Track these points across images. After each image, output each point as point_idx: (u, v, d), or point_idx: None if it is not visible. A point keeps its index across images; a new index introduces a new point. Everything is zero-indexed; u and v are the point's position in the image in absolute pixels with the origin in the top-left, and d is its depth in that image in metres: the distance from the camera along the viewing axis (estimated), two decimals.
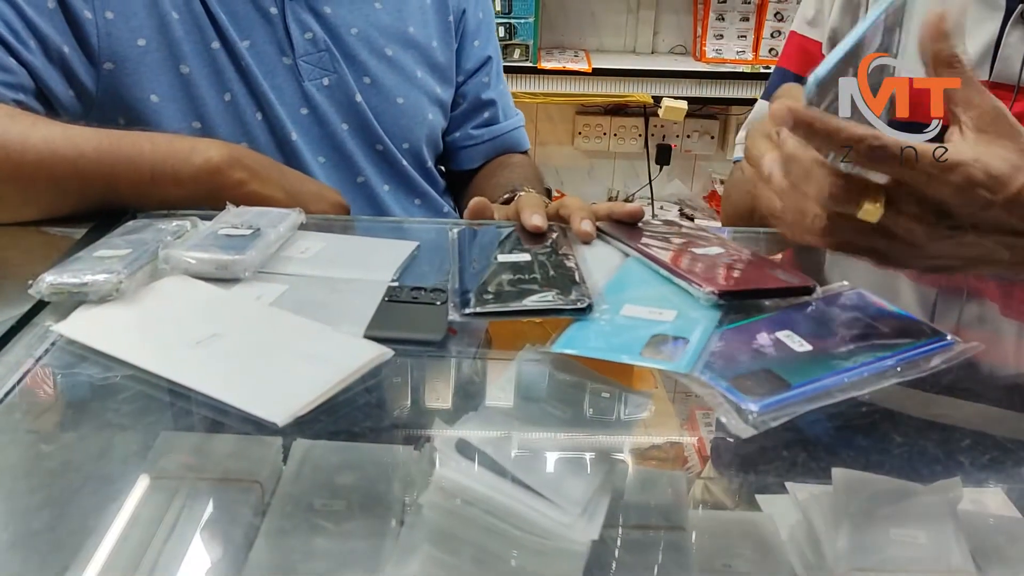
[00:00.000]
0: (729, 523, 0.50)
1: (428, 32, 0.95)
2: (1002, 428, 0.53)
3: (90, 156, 0.70)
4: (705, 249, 0.64)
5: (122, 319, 0.53)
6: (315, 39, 0.86)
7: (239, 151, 0.74)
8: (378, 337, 0.52)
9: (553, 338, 0.53)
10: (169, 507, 0.43)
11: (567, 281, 0.57)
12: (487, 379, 0.54)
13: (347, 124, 0.89)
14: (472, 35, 1.00)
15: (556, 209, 0.71)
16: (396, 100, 0.91)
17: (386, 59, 0.91)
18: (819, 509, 0.46)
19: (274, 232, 0.64)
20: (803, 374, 0.49)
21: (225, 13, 0.82)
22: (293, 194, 0.75)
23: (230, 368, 0.49)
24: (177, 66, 0.81)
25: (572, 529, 0.41)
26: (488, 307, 0.54)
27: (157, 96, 0.80)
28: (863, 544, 0.44)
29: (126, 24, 0.79)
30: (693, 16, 2.71)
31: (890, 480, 0.46)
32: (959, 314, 0.68)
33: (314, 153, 0.87)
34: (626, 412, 0.54)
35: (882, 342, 0.53)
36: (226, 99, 0.83)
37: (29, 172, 0.68)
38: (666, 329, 0.53)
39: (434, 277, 0.62)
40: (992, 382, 0.59)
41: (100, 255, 0.58)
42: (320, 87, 0.87)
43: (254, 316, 0.55)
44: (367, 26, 0.89)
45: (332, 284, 0.60)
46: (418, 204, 0.94)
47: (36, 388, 0.51)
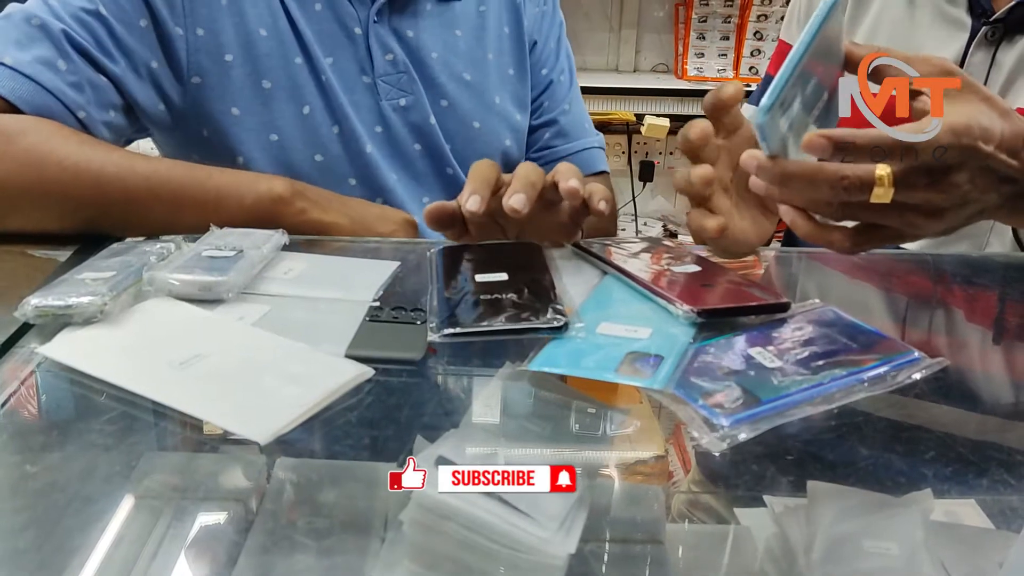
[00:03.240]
0: (707, 536, 0.50)
1: (506, 60, 0.97)
2: (976, 438, 0.54)
3: (163, 175, 0.73)
4: (683, 267, 0.65)
5: (106, 340, 0.54)
6: (395, 60, 0.88)
7: (301, 184, 0.77)
8: (359, 356, 0.53)
9: (531, 357, 0.54)
10: (153, 526, 0.44)
11: (543, 300, 0.58)
12: (467, 397, 0.55)
13: (419, 145, 0.91)
14: (540, 64, 1.02)
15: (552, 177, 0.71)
16: (472, 124, 0.93)
17: (464, 83, 0.93)
18: (794, 521, 0.47)
19: (257, 253, 0.65)
20: (773, 390, 0.50)
21: (311, 31, 0.85)
22: (357, 219, 0.78)
23: (213, 388, 0.50)
24: (260, 81, 0.83)
25: (549, 543, 0.42)
26: (464, 327, 0.55)
27: (238, 109, 0.83)
28: (835, 556, 0.45)
29: (215, 40, 0.82)
30: (674, 35, 2.75)
31: (863, 492, 0.47)
32: (929, 323, 0.70)
33: (388, 169, 0.89)
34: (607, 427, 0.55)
35: (851, 358, 0.54)
36: (304, 112, 0.85)
37: (107, 186, 0.71)
38: (642, 347, 0.54)
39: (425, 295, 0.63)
40: (965, 392, 0.60)
41: (84, 277, 0.59)
42: (396, 107, 0.89)
43: (236, 336, 0.55)
44: (447, 51, 0.92)
45: (314, 304, 0.61)
46: None
47: (21, 410, 0.52)
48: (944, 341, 0.68)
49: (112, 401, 0.50)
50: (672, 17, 2.74)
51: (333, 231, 0.76)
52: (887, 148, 0.48)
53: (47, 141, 0.71)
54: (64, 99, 0.74)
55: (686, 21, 2.69)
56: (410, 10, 0.90)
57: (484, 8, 0.96)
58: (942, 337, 0.69)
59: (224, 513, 0.46)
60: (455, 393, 0.56)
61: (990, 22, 0.83)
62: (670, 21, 2.76)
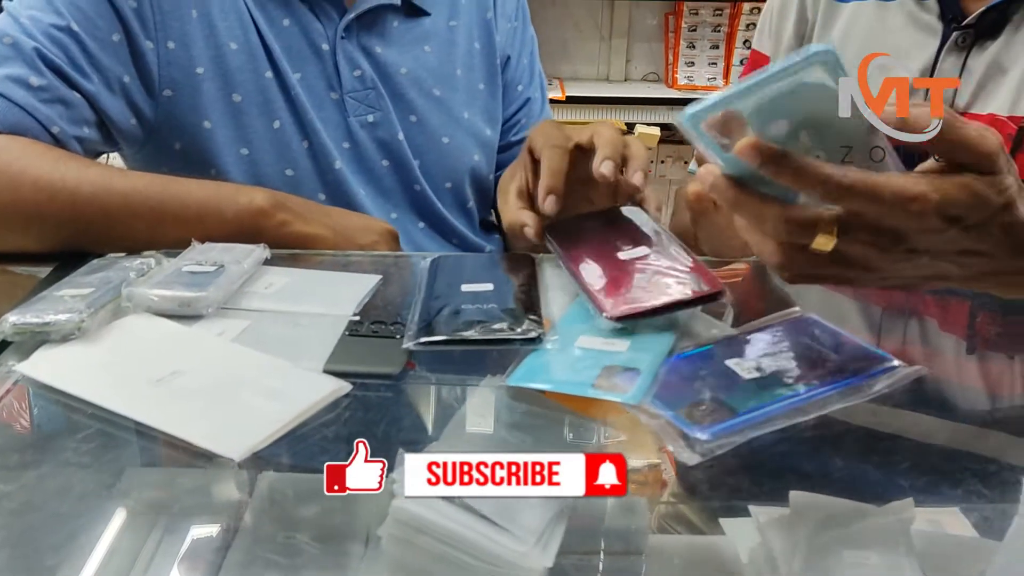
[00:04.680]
0: (690, 547, 0.51)
1: (476, 75, 0.98)
2: (959, 447, 0.55)
3: (141, 191, 0.73)
4: (631, 252, 0.64)
5: (83, 358, 0.54)
6: (363, 77, 0.89)
7: (283, 196, 0.77)
8: (337, 371, 0.53)
9: (510, 371, 0.54)
10: (136, 543, 0.44)
11: (522, 311, 0.58)
12: (446, 410, 0.55)
13: (387, 161, 0.91)
14: (516, 81, 1.03)
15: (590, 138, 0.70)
16: (441, 139, 0.94)
17: (433, 99, 0.93)
18: (776, 531, 0.47)
19: (238, 268, 0.65)
20: (750, 401, 0.50)
21: (279, 46, 0.85)
22: (339, 231, 0.78)
23: (189, 405, 0.50)
24: (230, 94, 0.84)
25: (527, 557, 0.42)
26: (439, 336, 0.55)
27: (210, 122, 0.83)
28: (817, 565, 0.44)
29: (186, 54, 0.82)
30: (664, 44, 2.76)
31: (845, 502, 0.47)
32: (903, 332, 0.70)
33: (357, 184, 0.89)
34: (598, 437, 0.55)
35: (828, 368, 0.54)
36: (275, 127, 0.85)
37: (83, 205, 0.71)
38: (619, 360, 0.54)
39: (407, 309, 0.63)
40: (946, 400, 0.60)
41: (63, 294, 0.59)
42: (364, 123, 0.89)
43: (215, 353, 0.55)
44: (416, 67, 0.92)
45: (294, 319, 0.61)
46: (455, 243, 0.96)
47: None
48: (923, 349, 0.68)
49: (93, 419, 0.50)
50: (662, 26, 2.75)
51: (315, 243, 0.76)
52: (811, 178, 0.46)
53: (20, 159, 0.71)
54: (37, 115, 0.75)
55: (676, 30, 2.70)
56: (378, 27, 0.90)
57: (454, 23, 0.96)
58: (921, 345, 0.69)
59: (206, 528, 0.46)
60: (435, 407, 0.56)
61: (961, 27, 0.83)
62: (660, 30, 2.77)
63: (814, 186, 0.46)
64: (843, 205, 0.47)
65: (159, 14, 0.81)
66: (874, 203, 0.46)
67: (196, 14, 0.82)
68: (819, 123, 0.47)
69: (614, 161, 0.67)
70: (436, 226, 0.95)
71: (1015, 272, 0.51)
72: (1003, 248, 0.49)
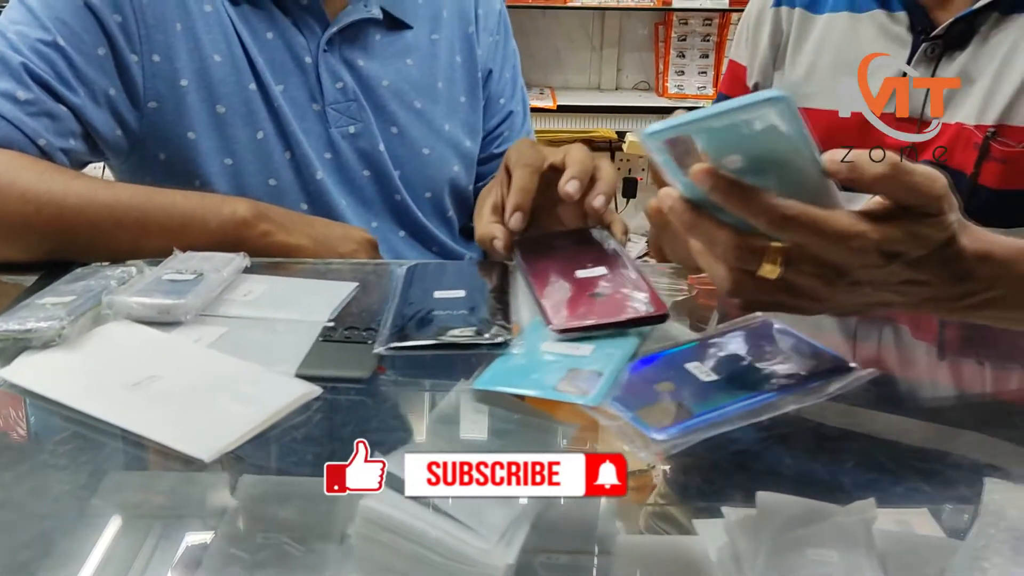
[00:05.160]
0: (659, 547, 0.52)
1: (457, 88, 1.00)
2: (929, 447, 0.56)
3: (126, 202, 0.75)
4: (590, 271, 0.66)
5: (63, 363, 0.56)
6: (345, 89, 0.90)
7: (265, 206, 0.79)
8: (309, 376, 0.55)
9: (476, 374, 0.56)
10: (116, 545, 0.45)
11: (491, 317, 0.60)
12: (414, 413, 0.57)
13: (368, 171, 0.93)
14: (498, 94, 1.05)
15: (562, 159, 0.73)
16: (422, 151, 0.96)
17: (415, 111, 0.95)
18: (742, 531, 0.48)
19: (217, 276, 0.66)
20: (707, 403, 0.52)
21: (263, 59, 0.87)
22: (320, 240, 0.80)
23: (163, 408, 0.51)
24: (214, 106, 0.86)
25: (490, 554, 0.44)
26: (407, 341, 0.57)
27: (194, 133, 0.85)
28: (780, 563, 0.46)
29: (170, 66, 0.84)
30: (655, 53, 2.79)
31: (810, 502, 0.49)
32: (878, 338, 0.72)
33: (338, 194, 0.91)
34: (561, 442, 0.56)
35: (785, 370, 0.56)
36: (258, 137, 0.87)
37: (70, 216, 0.73)
38: (582, 363, 0.56)
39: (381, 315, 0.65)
40: (918, 402, 0.63)
41: (45, 302, 0.61)
42: (346, 134, 0.91)
43: (191, 358, 0.57)
44: (398, 79, 0.94)
45: (270, 325, 0.63)
46: (435, 252, 0.97)
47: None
48: (883, 351, 0.70)
49: (77, 423, 0.52)
50: (652, 36, 2.78)
51: (296, 252, 0.78)
52: (757, 207, 0.48)
53: (7, 172, 0.73)
54: (24, 129, 0.76)
55: (666, 40, 2.73)
56: (360, 40, 0.92)
57: (436, 37, 0.98)
58: (881, 347, 0.70)
59: (186, 530, 0.48)
60: (404, 410, 0.57)
61: (930, 39, 0.85)
62: (650, 40, 2.80)
63: (758, 215, 0.48)
64: (787, 237, 0.49)
65: (144, 28, 0.83)
66: (816, 237, 0.48)
67: (180, 27, 0.84)
68: (772, 163, 0.48)
69: (580, 181, 0.69)
70: (416, 235, 0.97)
71: (956, 298, 0.54)
72: (943, 278, 0.52)
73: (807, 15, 0.95)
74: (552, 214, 0.75)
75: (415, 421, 0.55)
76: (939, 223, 0.49)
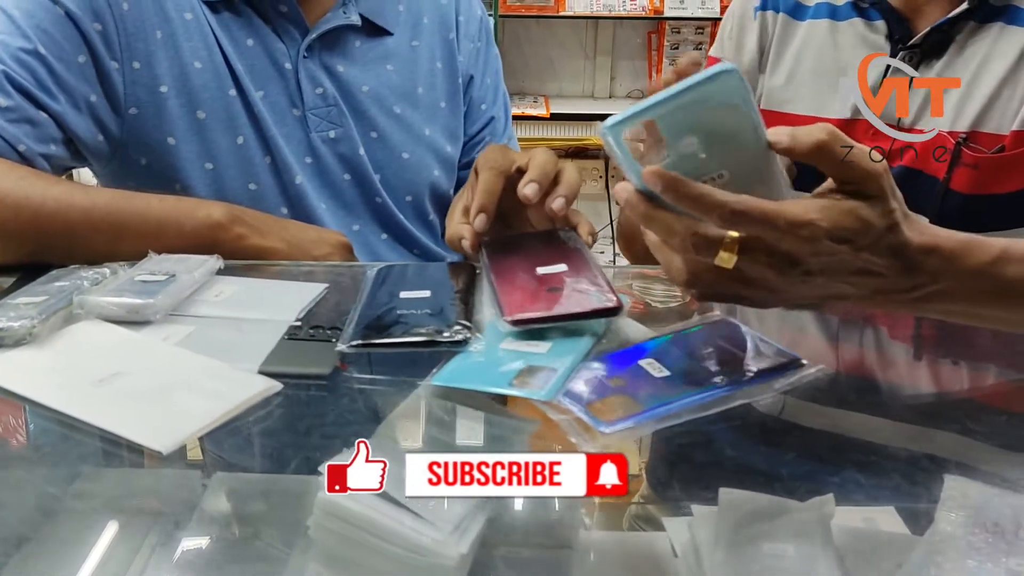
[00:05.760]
0: (623, 542, 0.53)
1: (437, 94, 1.01)
2: (903, 446, 0.57)
3: (102, 207, 0.76)
4: (550, 269, 0.67)
5: (33, 361, 0.57)
6: (325, 94, 0.92)
7: (240, 210, 0.80)
8: (271, 372, 0.56)
9: (435, 371, 0.57)
10: (95, 540, 0.46)
11: (453, 316, 0.61)
12: (373, 409, 0.58)
13: (348, 175, 0.95)
14: (480, 100, 1.06)
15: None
16: (401, 155, 0.97)
17: (394, 116, 0.97)
18: (703, 526, 0.49)
19: (188, 278, 0.68)
20: (656, 398, 0.53)
21: (243, 65, 0.89)
22: (294, 243, 0.81)
23: (126, 403, 0.53)
24: (195, 111, 0.87)
25: (443, 545, 0.45)
26: (369, 340, 0.58)
27: (174, 138, 0.87)
28: (737, 557, 0.47)
29: (150, 73, 0.86)
30: (648, 61, 2.81)
31: (770, 498, 0.50)
32: (860, 338, 0.73)
33: (318, 199, 0.93)
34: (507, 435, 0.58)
35: (735, 366, 0.57)
36: (238, 142, 0.89)
37: (47, 220, 0.75)
38: (538, 360, 0.57)
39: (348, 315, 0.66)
40: (892, 402, 0.64)
41: (18, 302, 0.62)
42: (326, 139, 0.93)
43: (157, 355, 0.59)
44: (378, 85, 0.96)
45: (237, 325, 0.64)
46: (416, 254, 0.99)
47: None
48: (875, 355, 0.72)
49: (51, 421, 0.53)
50: (646, 45, 2.80)
51: (271, 255, 0.79)
52: (708, 204, 0.50)
53: None
54: (4, 135, 0.78)
55: (659, 48, 2.75)
56: (340, 47, 0.94)
57: (417, 44, 1.00)
58: (838, 344, 0.72)
59: (155, 526, 0.49)
60: (363, 406, 0.58)
61: (907, 47, 0.87)
62: (643, 48, 2.82)
63: (710, 212, 0.50)
64: (739, 230, 0.51)
65: (124, 36, 0.84)
66: (768, 228, 0.50)
67: (161, 35, 0.86)
68: (724, 142, 0.50)
69: (539, 184, 0.70)
70: (399, 237, 0.98)
71: (906, 290, 0.55)
72: (893, 268, 0.53)
73: (790, 20, 0.97)
74: (522, 216, 0.76)
75: (373, 417, 0.57)
76: (881, 206, 0.51)
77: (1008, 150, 0.82)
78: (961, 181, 0.84)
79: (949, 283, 0.55)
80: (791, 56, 0.96)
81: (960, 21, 0.85)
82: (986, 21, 0.85)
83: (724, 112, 0.49)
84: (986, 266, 0.55)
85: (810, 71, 0.95)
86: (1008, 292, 0.56)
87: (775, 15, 0.98)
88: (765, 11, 0.98)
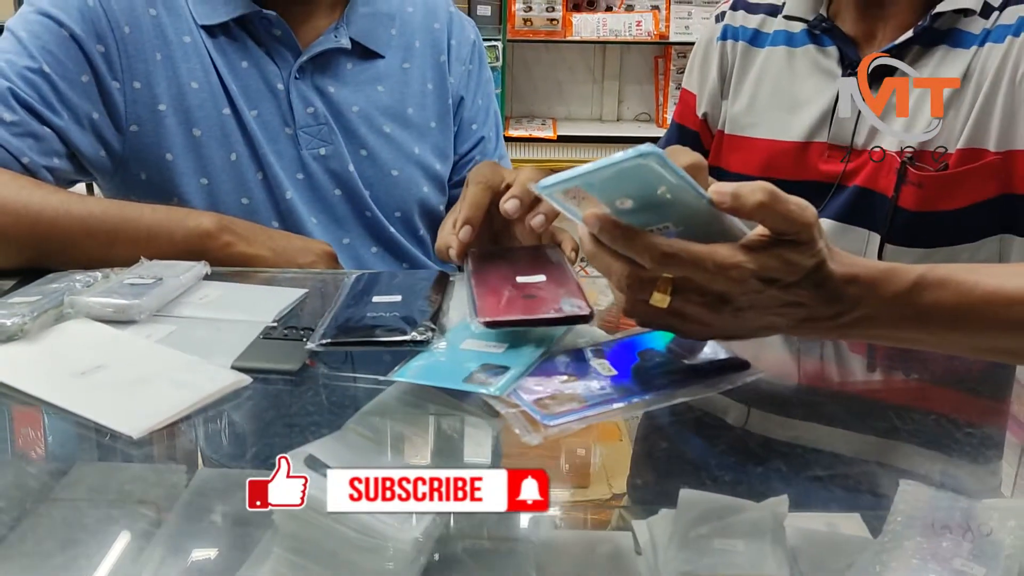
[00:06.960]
0: (586, 539, 0.55)
1: (428, 114, 1.05)
2: (866, 456, 0.60)
3: (98, 216, 0.81)
4: (530, 277, 0.70)
5: (23, 355, 0.61)
6: (316, 113, 0.97)
7: (228, 219, 0.85)
8: (244, 368, 0.60)
9: (396, 369, 0.60)
10: (81, 531, 0.49)
11: (419, 318, 0.65)
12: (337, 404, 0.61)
13: (339, 190, 0.99)
14: (470, 120, 1.10)
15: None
16: (391, 172, 1.01)
17: (384, 135, 1.01)
18: (662, 524, 0.52)
19: (175, 281, 0.72)
20: (600, 396, 0.56)
21: (237, 85, 0.94)
22: (280, 251, 0.85)
23: (103, 392, 0.56)
24: (191, 129, 0.92)
25: (398, 530, 0.47)
26: (336, 339, 0.61)
27: (172, 155, 0.92)
28: (689, 551, 0.49)
29: (150, 92, 0.91)
30: (655, 85, 2.85)
31: (727, 498, 0.53)
32: (820, 353, 0.76)
33: (308, 213, 0.97)
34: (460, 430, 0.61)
35: (679, 367, 0.60)
36: (232, 159, 0.94)
37: (45, 228, 0.79)
38: (494, 359, 0.60)
39: None
40: (851, 413, 0.67)
41: (13, 301, 0.67)
42: (316, 155, 0.97)
43: (138, 351, 0.62)
44: (368, 105, 1.00)
45: (217, 325, 0.68)
46: (406, 267, 1.03)
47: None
48: (835, 368, 0.75)
49: (43, 415, 0.57)
50: (652, 69, 2.84)
51: (257, 263, 0.83)
52: (640, 247, 0.53)
53: None
54: (8, 147, 0.83)
55: (665, 73, 2.79)
56: (331, 69, 0.99)
57: (408, 66, 1.04)
58: (835, 364, 0.75)
59: (138, 519, 0.52)
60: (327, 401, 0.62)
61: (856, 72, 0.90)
62: (651, 73, 2.86)
63: (641, 253, 0.53)
64: (670, 272, 0.54)
65: (125, 57, 0.89)
66: (698, 270, 0.53)
67: (160, 57, 0.91)
68: (660, 202, 0.53)
69: (520, 200, 0.73)
70: (389, 249, 1.02)
71: (830, 317, 0.58)
72: (817, 300, 0.56)
73: (749, 48, 1.01)
74: (510, 232, 0.80)
75: (336, 410, 0.60)
76: (810, 249, 0.54)
77: (952, 168, 0.85)
78: (908, 199, 0.87)
79: (869, 310, 0.58)
80: (751, 82, 1.00)
81: (906, 46, 0.89)
82: (931, 45, 0.88)
83: (651, 184, 0.51)
84: (903, 293, 0.58)
85: (768, 96, 0.99)
86: (926, 317, 0.59)
87: (735, 44, 1.02)
88: (725, 40, 1.03)
